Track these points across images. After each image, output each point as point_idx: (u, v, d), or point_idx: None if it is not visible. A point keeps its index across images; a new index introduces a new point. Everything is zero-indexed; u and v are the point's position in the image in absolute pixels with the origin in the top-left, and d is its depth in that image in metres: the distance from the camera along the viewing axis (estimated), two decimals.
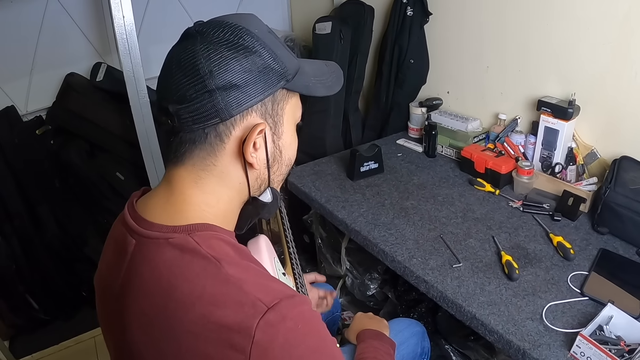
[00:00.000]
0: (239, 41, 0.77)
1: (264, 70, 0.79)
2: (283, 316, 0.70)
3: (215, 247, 0.77)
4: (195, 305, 0.72)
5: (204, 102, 0.76)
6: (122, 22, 1.91)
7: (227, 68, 0.76)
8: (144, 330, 0.77)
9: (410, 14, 2.18)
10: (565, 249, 1.46)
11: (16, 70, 2.42)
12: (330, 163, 2.15)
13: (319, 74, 0.90)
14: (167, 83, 0.79)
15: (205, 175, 0.82)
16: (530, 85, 1.88)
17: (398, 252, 1.54)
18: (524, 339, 1.19)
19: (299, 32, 3.01)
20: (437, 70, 2.28)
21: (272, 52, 0.80)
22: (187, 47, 0.78)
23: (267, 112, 0.82)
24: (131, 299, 0.80)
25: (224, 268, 0.73)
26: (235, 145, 0.81)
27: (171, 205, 0.82)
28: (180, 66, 0.77)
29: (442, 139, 2.12)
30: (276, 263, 1.16)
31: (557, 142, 1.74)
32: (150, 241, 0.79)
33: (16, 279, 2.40)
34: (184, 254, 0.76)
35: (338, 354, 0.79)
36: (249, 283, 0.73)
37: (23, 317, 2.47)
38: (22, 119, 2.47)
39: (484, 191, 1.83)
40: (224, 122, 0.78)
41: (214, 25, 0.79)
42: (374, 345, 1.21)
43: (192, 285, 0.73)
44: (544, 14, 1.76)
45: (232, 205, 0.87)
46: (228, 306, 0.70)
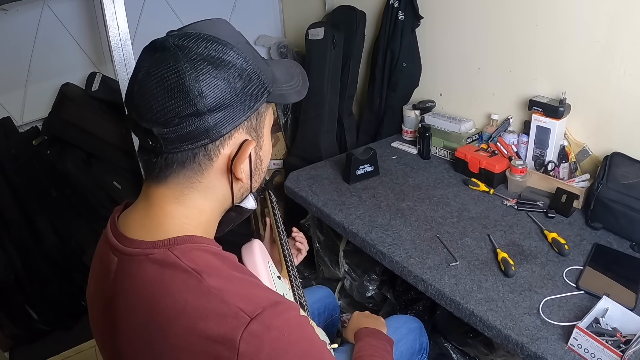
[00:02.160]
0: (222, 57, 0.75)
1: (249, 86, 0.77)
2: (267, 326, 0.70)
3: (196, 259, 0.76)
4: (178, 319, 0.72)
5: (194, 125, 0.74)
6: (116, 32, 1.92)
7: (216, 88, 0.74)
8: (133, 346, 0.78)
9: (401, 18, 2.21)
10: (560, 244, 1.48)
11: (11, 81, 2.43)
12: (326, 167, 2.17)
13: (288, 79, 0.89)
14: (148, 103, 0.75)
15: (190, 192, 0.81)
16: (521, 85, 1.91)
17: (396, 253, 1.56)
18: (522, 333, 1.21)
19: (292, 38, 3.03)
20: (429, 73, 2.31)
21: (254, 65, 0.79)
22: (169, 65, 0.73)
23: (252, 126, 0.81)
24: (118, 316, 0.81)
25: (205, 280, 0.73)
26: (224, 163, 0.80)
27: (150, 220, 0.82)
28: (164, 86, 0.73)
29: (436, 141, 2.14)
30: (271, 267, 1.15)
31: (549, 141, 1.77)
32: (132, 258, 0.79)
33: (15, 290, 2.39)
34: (164, 269, 0.75)
35: (327, 357, 0.79)
36: (230, 293, 0.72)
37: (23, 327, 2.46)
38: (18, 130, 2.47)
39: (479, 191, 1.85)
40: (214, 141, 0.77)
41: (193, 38, 0.75)
42: (371, 343, 1.22)
43: (174, 300, 0.73)
44: (533, 15, 1.79)
45: (213, 215, 0.86)
46: (211, 318, 0.70)
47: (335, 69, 2.47)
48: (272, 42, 2.93)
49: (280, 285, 1.15)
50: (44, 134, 2.47)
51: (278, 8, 3.07)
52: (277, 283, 1.13)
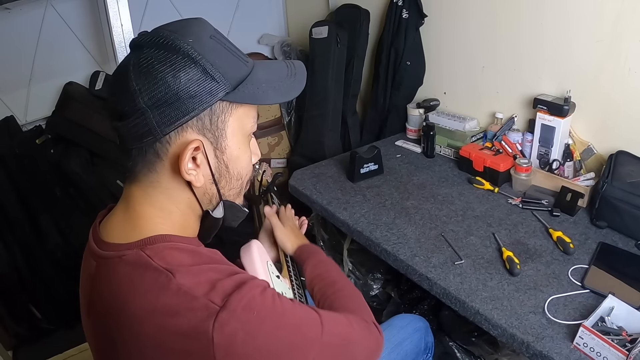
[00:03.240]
0: (170, 53, 0.74)
1: (197, 84, 0.75)
2: (235, 310, 0.70)
3: (167, 258, 0.76)
4: (149, 318, 0.72)
5: (137, 120, 0.74)
6: (120, 31, 1.92)
7: (155, 85, 0.73)
8: (111, 348, 0.79)
9: (405, 17, 2.21)
10: (565, 243, 1.47)
11: (15, 80, 2.43)
12: (330, 166, 2.16)
13: (273, 79, 0.85)
14: (110, 97, 0.79)
15: (153, 191, 0.81)
16: (525, 84, 1.91)
17: (400, 251, 1.56)
18: (527, 332, 1.21)
19: (295, 37, 3.03)
20: (433, 71, 2.31)
21: (208, 62, 0.75)
22: (125, 63, 0.76)
23: (205, 127, 0.78)
24: (95, 319, 0.82)
25: (174, 278, 0.72)
26: (174, 163, 0.78)
27: (126, 222, 0.82)
28: (117, 82, 0.76)
29: (440, 139, 2.14)
30: (269, 266, 1.15)
31: (553, 139, 1.76)
32: (107, 261, 0.79)
33: (19, 289, 2.39)
34: (136, 270, 0.75)
35: (302, 318, 0.81)
36: (200, 287, 0.72)
37: (26, 326, 2.46)
38: (21, 129, 2.48)
39: (483, 189, 1.84)
40: (159, 140, 0.76)
41: (152, 35, 0.76)
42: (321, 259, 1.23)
43: (145, 299, 0.73)
44: (537, 13, 1.79)
45: (187, 217, 0.85)
46: (181, 314, 0.70)
47: (339, 67, 2.48)
48: (275, 41, 2.93)
49: (279, 284, 1.15)
50: (48, 133, 2.46)
51: (282, 7, 3.08)
52: (275, 282, 1.13)
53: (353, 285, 1.16)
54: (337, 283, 1.13)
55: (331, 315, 0.89)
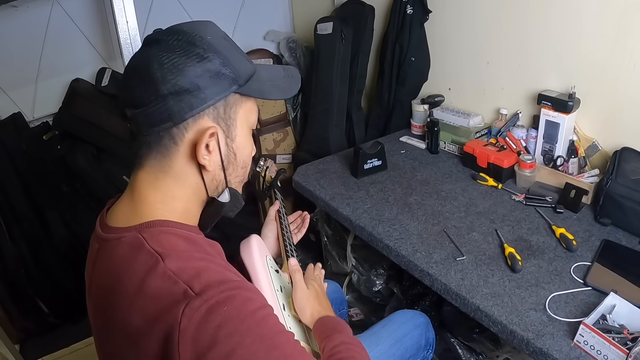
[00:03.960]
0: (191, 48, 0.80)
1: (215, 76, 0.81)
2: (207, 300, 0.71)
3: (162, 242, 0.79)
4: (136, 298, 0.75)
5: (158, 106, 0.79)
6: (125, 28, 1.93)
7: (179, 73, 0.78)
8: (105, 325, 0.83)
9: (410, 12, 2.20)
10: (568, 240, 1.46)
11: (22, 77, 2.45)
12: (334, 161, 2.16)
13: (274, 78, 0.94)
14: (125, 88, 0.83)
15: (162, 176, 0.85)
16: (530, 80, 1.89)
17: (402, 247, 1.56)
18: (527, 329, 1.21)
19: (301, 33, 3.03)
20: (438, 67, 2.30)
21: (224, 57, 0.82)
22: (144, 55, 0.81)
23: (219, 115, 0.84)
24: (93, 298, 0.86)
25: (163, 262, 0.75)
26: (189, 148, 0.83)
27: (130, 207, 0.86)
28: (137, 72, 0.81)
29: (444, 135, 2.13)
30: (268, 261, 1.16)
31: (558, 135, 1.75)
32: (107, 243, 0.83)
33: (26, 283, 2.42)
34: (131, 251, 0.79)
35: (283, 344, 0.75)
36: (185, 274, 0.74)
37: (33, 320, 2.49)
38: (29, 125, 2.51)
39: (487, 185, 1.84)
40: (177, 125, 0.81)
41: (170, 32, 0.82)
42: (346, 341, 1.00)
43: (135, 280, 0.76)
44: (542, 8, 1.77)
45: (190, 204, 0.89)
46: (163, 297, 0.73)
47: (344, 63, 2.47)
48: (281, 37, 2.92)
49: (278, 279, 1.16)
50: (55, 129, 2.49)
51: (287, 3, 3.07)
52: (274, 277, 1.14)
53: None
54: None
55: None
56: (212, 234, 2.62)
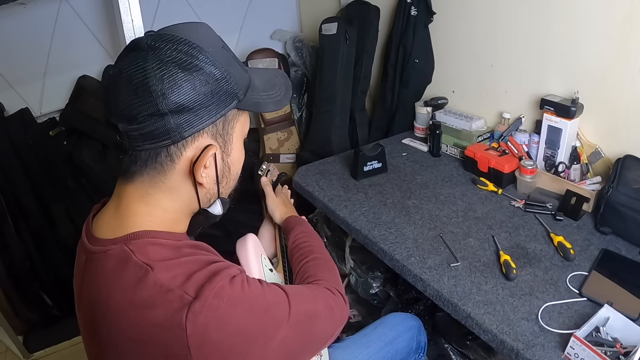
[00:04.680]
0: (192, 61, 0.76)
1: (217, 92, 0.78)
2: (205, 300, 0.72)
3: (149, 253, 0.78)
4: (128, 310, 0.74)
5: (156, 124, 0.75)
6: (131, 26, 1.94)
7: (180, 90, 0.75)
8: (97, 339, 0.83)
9: (414, 14, 2.18)
10: (566, 249, 1.44)
11: (30, 73, 2.48)
12: (335, 162, 2.16)
13: (268, 88, 0.91)
14: (115, 100, 0.77)
15: (154, 191, 0.83)
16: (533, 84, 1.87)
17: (397, 251, 1.54)
18: (517, 339, 1.19)
19: (308, 32, 3.02)
20: (442, 69, 2.28)
21: (225, 71, 0.79)
22: (138, 64, 0.75)
23: (217, 132, 0.82)
24: (83, 311, 0.86)
25: (152, 272, 0.75)
26: (186, 165, 0.81)
27: (116, 219, 0.84)
28: (131, 84, 0.75)
29: (446, 138, 2.11)
30: (263, 259, 1.19)
31: (560, 141, 1.72)
32: (94, 256, 0.82)
33: (31, 276, 2.46)
34: (119, 264, 0.78)
35: (270, 300, 0.83)
36: (176, 279, 0.75)
37: (37, 313, 2.53)
38: (36, 121, 2.54)
39: (487, 190, 1.81)
40: (175, 143, 0.78)
41: (166, 40, 0.77)
42: (303, 230, 1.29)
43: (125, 292, 0.75)
44: (546, 12, 1.75)
45: (178, 215, 0.88)
46: (157, 306, 0.73)
47: (348, 64, 2.46)
48: (287, 36, 2.92)
49: (271, 277, 1.19)
50: (61, 125, 2.51)
51: (295, 2, 3.07)
52: (267, 275, 1.17)
53: (329, 256, 1.23)
54: (314, 253, 1.19)
55: (298, 292, 0.92)
56: (215, 231, 2.64)
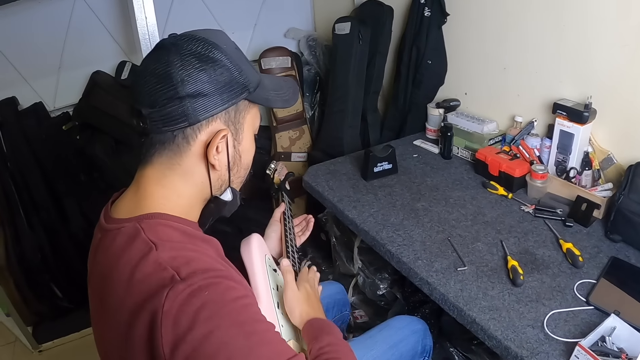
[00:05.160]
0: (208, 54, 0.85)
1: (230, 82, 0.87)
2: (190, 285, 0.75)
3: (159, 233, 0.83)
4: (129, 284, 0.79)
5: (174, 107, 0.83)
6: (144, 23, 1.95)
7: (197, 78, 0.83)
8: (101, 310, 0.87)
9: (427, 15, 2.17)
10: (574, 256, 1.42)
11: (45, 68, 2.51)
12: (345, 163, 2.15)
13: (277, 88, 1.00)
14: (140, 88, 0.86)
15: (170, 173, 0.89)
16: (546, 88, 1.85)
17: (404, 254, 1.54)
18: (522, 346, 1.18)
19: (322, 31, 3.01)
20: (455, 71, 2.26)
21: (238, 66, 0.88)
22: (162, 58, 0.85)
23: (230, 119, 0.90)
24: (92, 286, 0.90)
25: (156, 251, 0.79)
26: (200, 148, 0.88)
27: (133, 201, 0.90)
28: (155, 74, 0.84)
29: (458, 141, 2.09)
30: (267, 260, 1.19)
31: (572, 146, 1.70)
32: (108, 233, 0.87)
33: (42, 268, 2.49)
34: (128, 240, 0.83)
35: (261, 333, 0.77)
36: (175, 261, 0.78)
37: (47, 304, 2.56)
38: (49, 115, 2.56)
39: (497, 194, 1.80)
40: (191, 126, 0.85)
41: (187, 38, 0.86)
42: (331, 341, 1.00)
43: (129, 267, 0.80)
44: (560, 15, 1.73)
45: (193, 201, 0.93)
46: (151, 283, 0.77)
47: (361, 64, 2.45)
48: (301, 35, 2.92)
49: (275, 278, 1.19)
50: (75, 120, 2.54)
51: (309, 1, 3.06)
52: (271, 275, 1.17)
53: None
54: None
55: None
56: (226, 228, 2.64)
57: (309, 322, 1.05)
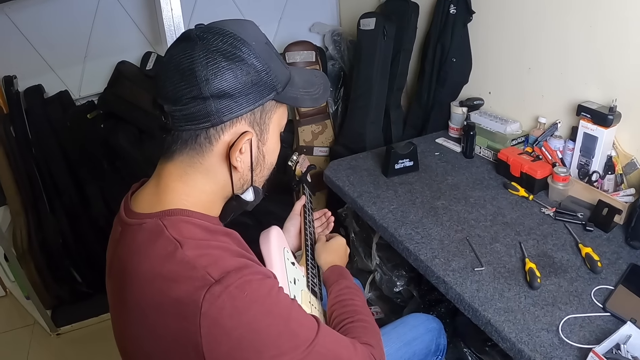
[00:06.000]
0: (235, 52, 0.81)
1: (256, 82, 0.83)
2: (227, 286, 0.75)
3: (182, 230, 0.82)
4: (153, 281, 0.79)
5: (198, 107, 0.81)
6: (170, 15, 1.96)
7: (222, 77, 0.80)
8: (121, 307, 0.87)
9: (453, 12, 2.15)
10: (593, 261, 1.41)
11: (71, 57, 2.54)
12: (367, 158, 2.16)
13: (307, 86, 0.95)
14: (164, 82, 0.83)
15: (192, 171, 0.87)
16: (571, 89, 1.82)
17: (422, 252, 1.54)
18: (536, 349, 1.17)
19: (347, 26, 3.00)
20: (479, 69, 2.24)
21: (266, 64, 0.84)
22: (187, 51, 0.81)
23: (255, 120, 0.87)
24: (113, 280, 0.90)
25: (181, 249, 0.79)
26: (223, 148, 0.86)
27: (154, 195, 0.89)
28: (179, 69, 0.81)
29: (480, 140, 2.08)
30: (285, 253, 1.20)
31: (595, 150, 1.68)
32: (130, 228, 0.86)
33: (63, 253, 2.54)
34: (151, 237, 0.82)
35: (296, 317, 0.83)
36: (202, 261, 0.78)
37: (66, 288, 2.62)
38: (74, 103, 2.61)
39: (518, 195, 1.78)
40: (215, 126, 0.83)
41: (214, 32, 0.83)
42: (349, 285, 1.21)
43: (153, 264, 0.80)
44: (588, 15, 1.70)
45: (214, 197, 0.92)
46: (180, 281, 0.76)
47: (385, 60, 2.44)
48: (326, 29, 2.91)
49: (293, 271, 1.20)
50: (99, 109, 2.58)
51: None
52: (289, 269, 1.18)
53: (374, 321, 1.13)
54: (359, 314, 1.11)
55: (333, 333, 0.92)
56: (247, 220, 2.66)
57: (330, 268, 1.27)
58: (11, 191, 2.43)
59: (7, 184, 2.41)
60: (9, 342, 2.60)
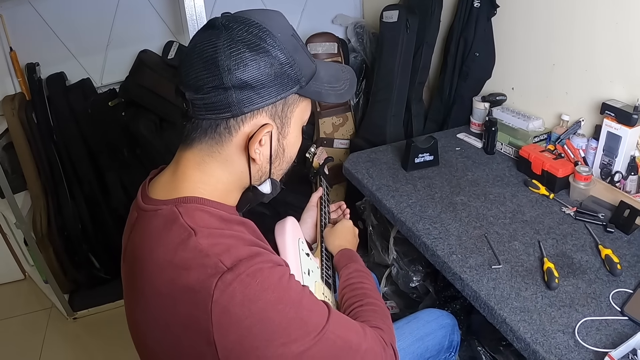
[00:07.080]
0: (260, 43, 0.80)
1: (280, 75, 0.82)
2: (238, 274, 0.75)
3: (195, 218, 0.82)
4: (166, 268, 0.79)
5: (219, 97, 0.80)
6: (192, 4, 1.96)
7: (245, 68, 0.79)
8: (134, 292, 0.87)
9: (477, 6, 2.12)
10: (613, 263, 1.38)
11: (93, 45, 2.57)
12: (387, 152, 2.15)
13: (332, 81, 0.94)
14: (187, 70, 0.83)
15: (210, 160, 0.87)
16: (596, 87, 1.78)
17: (439, 247, 1.53)
18: (550, 351, 1.15)
19: (370, 19, 2.97)
20: (503, 65, 2.21)
21: (291, 57, 0.83)
22: (211, 40, 0.80)
23: (276, 113, 0.86)
24: (126, 263, 0.91)
25: (195, 237, 0.79)
26: (242, 140, 0.85)
27: (171, 182, 0.89)
28: (202, 57, 0.81)
29: (502, 136, 2.05)
30: (300, 244, 1.21)
31: (619, 149, 1.65)
32: (146, 214, 0.87)
33: (81, 239, 2.59)
34: (165, 224, 0.83)
35: (307, 303, 0.83)
36: (216, 249, 0.78)
37: (84, 273, 2.66)
38: (96, 91, 2.64)
39: (538, 194, 1.76)
40: (235, 117, 0.83)
41: (240, 21, 0.82)
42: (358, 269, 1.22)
43: (166, 250, 0.80)
44: (613, 12, 1.66)
45: (231, 187, 0.92)
46: (193, 269, 0.77)
47: (407, 53, 2.42)
48: (349, 21, 2.89)
49: (307, 262, 1.21)
50: (120, 97, 2.60)
51: None
52: (303, 259, 1.19)
53: (383, 304, 1.13)
54: (369, 297, 1.11)
55: (344, 318, 0.92)
56: (264, 210, 2.66)
57: (340, 252, 1.29)
58: (32, 176, 2.47)
59: (28, 169, 2.45)
60: (26, 324, 2.65)
